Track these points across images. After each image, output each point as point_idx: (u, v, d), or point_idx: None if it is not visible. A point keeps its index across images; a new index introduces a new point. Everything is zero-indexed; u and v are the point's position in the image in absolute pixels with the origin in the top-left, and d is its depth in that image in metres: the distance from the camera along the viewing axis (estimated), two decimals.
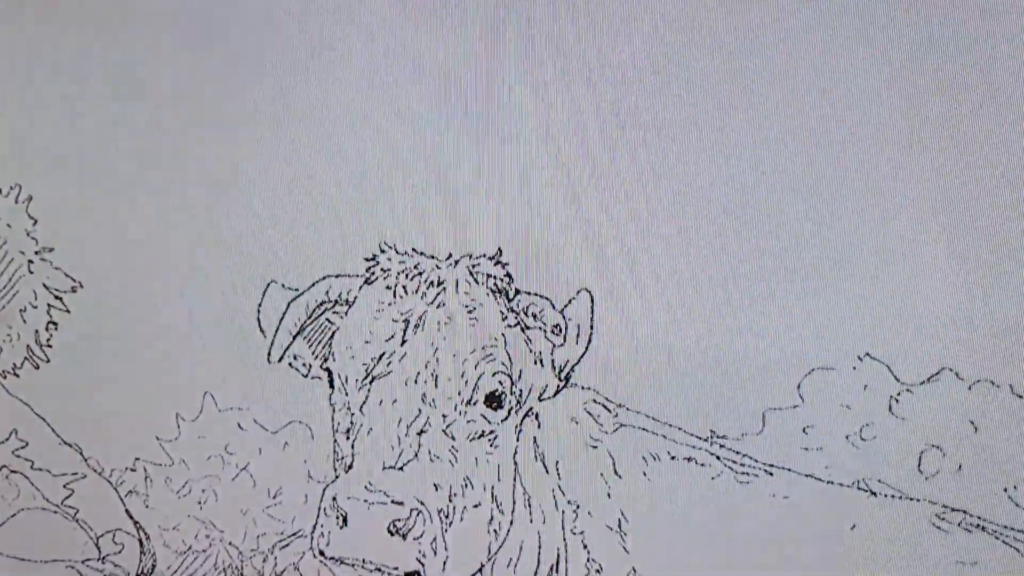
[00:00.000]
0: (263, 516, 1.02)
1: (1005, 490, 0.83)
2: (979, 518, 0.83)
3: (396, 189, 0.91)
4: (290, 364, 0.96)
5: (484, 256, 0.90)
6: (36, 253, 1.01)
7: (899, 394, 0.83)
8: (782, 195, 0.82)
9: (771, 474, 0.88)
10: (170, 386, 1.00)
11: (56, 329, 1.03)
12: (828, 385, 0.84)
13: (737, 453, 0.88)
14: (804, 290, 0.84)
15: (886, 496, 0.85)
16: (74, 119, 0.97)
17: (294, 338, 0.95)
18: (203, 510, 1.02)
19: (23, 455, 1.07)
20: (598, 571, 0.94)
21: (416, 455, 0.92)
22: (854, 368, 0.84)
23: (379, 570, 0.94)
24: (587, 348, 0.90)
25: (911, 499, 0.84)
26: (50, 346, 1.03)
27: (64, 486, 1.06)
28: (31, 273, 1.02)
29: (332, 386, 0.95)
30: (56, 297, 1.02)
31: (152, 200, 0.97)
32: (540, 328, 0.91)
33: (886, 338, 0.82)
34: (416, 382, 0.92)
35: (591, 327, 0.89)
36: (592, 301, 0.88)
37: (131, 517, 1.05)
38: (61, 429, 1.05)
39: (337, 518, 0.92)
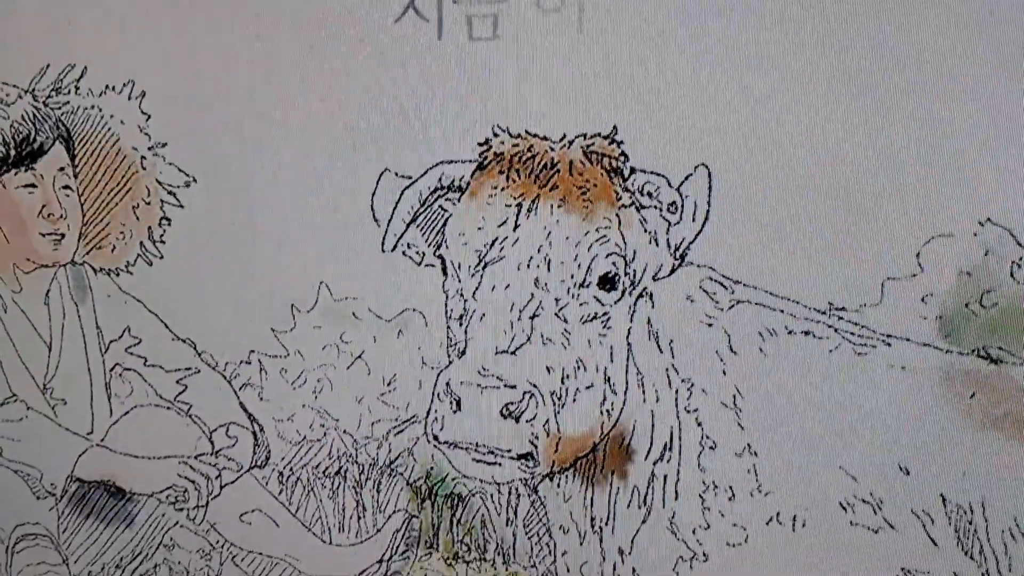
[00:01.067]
0: (377, 403, 1.03)
1: None
2: None
3: (507, 71, 0.91)
4: (404, 252, 0.97)
5: (599, 135, 0.90)
6: (149, 149, 1.02)
7: (1021, 259, 0.83)
8: (900, 63, 0.81)
9: (889, 344, 0.88)
10: (284, 278, 1.01)
11: (169, 225, 1.04)
12: (948, 252, 0.84)
13: (855, 324, 0.88)
14: (923, 155, 0.83)
15: (1006, 363, 0.87)
16: (186, 14, 0.97)
17: (407, 226, 0.96)
18: (318, 400, 1.04)
19: (136, 352, 1.09)
20: (712, 448, 0.94)
21: (529, 339, 0.93)
22: (975, 234, 0.83)
23: (492, 453, 0.95)
24: (704, 225, 0.90)
25: None
26: (163, 242, 1.05)
27: (177, 382, 1.08)
28: (144, 169, 1.03)
29: (445, 273, 0.95)
30: (169, 192, 1.03)
31: (266, 93, 0.97)
32: (656, 207, 0.90)
33: (1008, 202, 0.82)
34: (529, 266, 0.92)
35: (708, 204, 0.89)
36: (710, 177, 0.88)
37: (245, 410, 1.06)
38: (174, 325, 1.06)
39: (451, 403, 0.92)
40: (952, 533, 0.90)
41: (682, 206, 0.90)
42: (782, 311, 0.91)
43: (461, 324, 0.95)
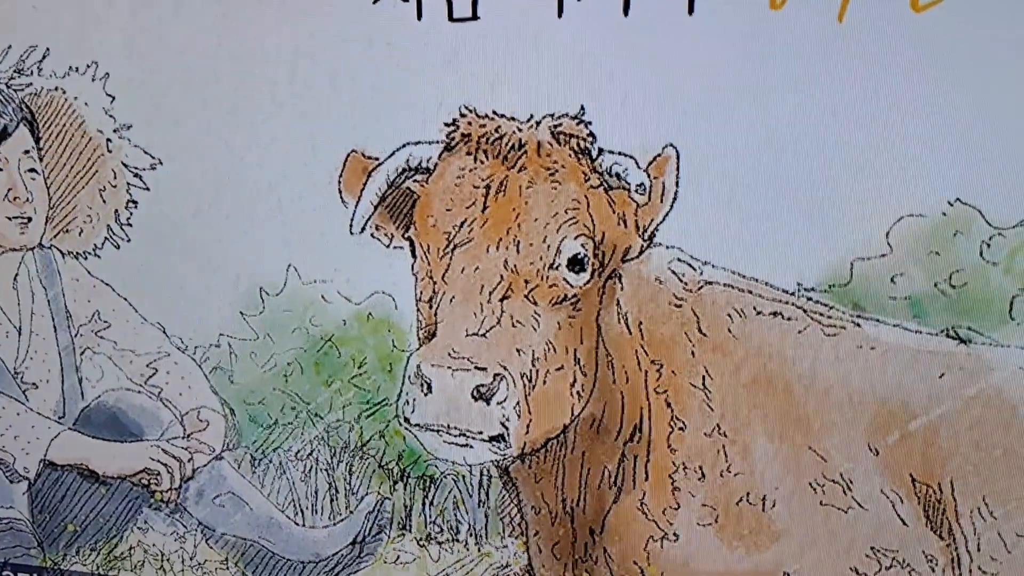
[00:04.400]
0: (348, 386, 1.02)
1: None
2: None
3: (473, 47, 0.89)
4: (372, 235, 0.95)
5: (566, 115, 0.89)
6: (114, 131, 1.00)
7: (991, 239, 0.81)
8: (874, 18, 0.80)
9: (858, 325, 0.87)
10: (253, 261, 1.00)
11: (136, 208, 1.03)
12: (917, 232, 0.83)
13: (824, 305, 0.88)
14: (892, 135, 0.81)
15: (976, 343, 0.86)
16: None
17: (375, 208, 0.94)
18: (288, 383, 1.03)
19: (106, 336, 1.07)
20: (681, 429, 0.93)
21: (499, 321, 0.91)
22: (944, 214, 0.82)
23: (463, 435, 0.94)
24: (672, 207, 0.90)
25: (1002, 346, 0.84)
26: (130, 225, 1.03)
27: (147, 365, 1.07)
28: (109, 152, 1.01)
29: (414, 255, 0.94)
30: (135, 175, 1.01)
31: (230, 72, 0.95)
32: (624, 188, 0.90)
33: (978, 182, 0.80)
34: (498, 248, 0.92)
35: (676, 185, 0.89)
36: (678, 158, 0.87)
37: (216, 393, 1.06)
38: (143, 309, 1.04)
39: (422, 385, 0.91)
40: (921, 512, 0.91)
41: (650, 187, 0.91)
42: (751, 292, 0.90)
43: (431, 306, 0.93)
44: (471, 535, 1.02)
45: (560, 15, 0.87)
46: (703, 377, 0.92)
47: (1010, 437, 0.86)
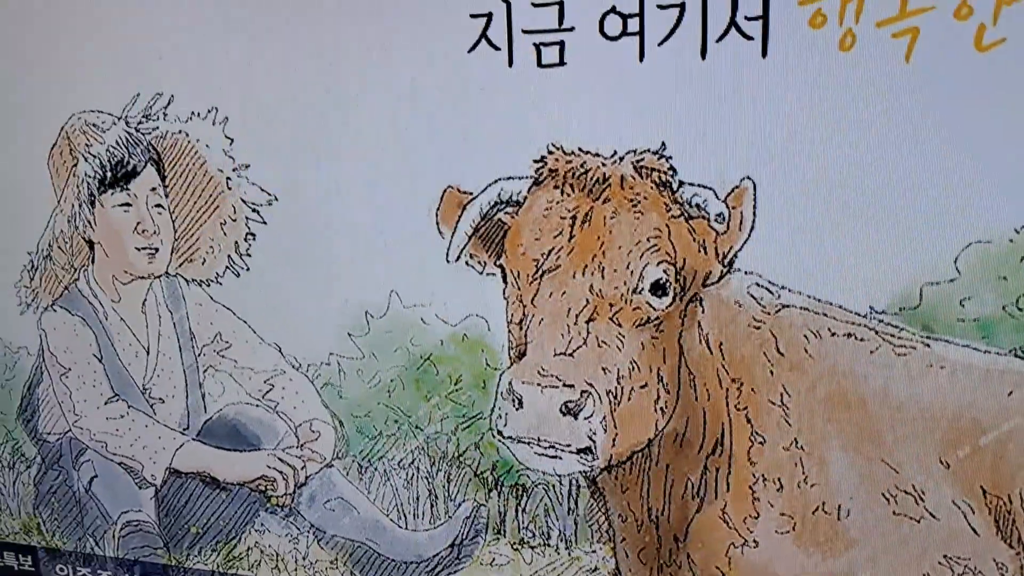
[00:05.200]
0: (445, 401, 1.10)
1: None
2: None
3: (561, 90, 0.95)
4: (467, 263, 1.02)
5: (648, 151, 0.94)
6: (233, 170, 1.09)
7: None
8: (941, 58, 0.84)
9: (928, 345, 0.91)
10: (359, 287, 1.08)
11: (254, 239, 1.12)
12: (985, 258, 0.86)
13: (895, 327, 0.92)
14: (958, 166, 0.85)
15: None
16: (261, 41, 1.03)
17: (469, 239, 1.01)
18: (391, 398, 1.10)
19: (227, 355, 1.17)
20: (761, 443, 0.98)
21: (585, 342, 0.97)
22: (1011, 240, 0.86)
23: (553, 447, 0.99)
24: (750, 235, 0.93)
25: None
26: (249, 255, 1.12)
27: (265, 382, 1.16)
28: (229, 189, 1.10)
29: (505, 281, 1.00)
30: (253, 210, 1.10)
31: (337, 117, 1.03)
32: (703, 217, 0.94)
33: None
34: (584, 274, 0.97)
35: (753, 215, 0.93)
36: (755, 189, 0.92)
37: (327, 407, 1.14)
38: (261, 330, 1.14)
39: (513, 401, 0.97)
40: (992, 522, 0.94)
41: (728, 217, 0.95)
42: (825, 314, 0.94)
43: (521, 328, 0.98)
44: (561, 540, 1.08)
45: (642, 60, 0.94)
46: (781, 394, 0.97)
47: None
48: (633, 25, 0.92)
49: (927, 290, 0.89)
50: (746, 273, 0.94)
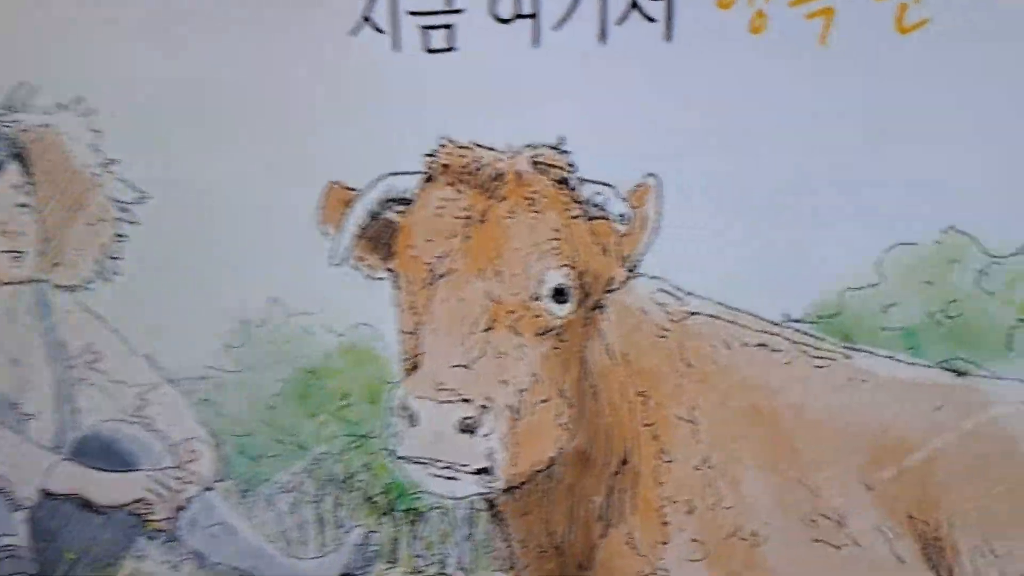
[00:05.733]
0: (333, 418, 1.01)
1: None
2: None
3: (450, 78, 0.88)
4: (353, 266, 0.93)
5: (546, 145, 0.86)
6: (101, 165, 1.00)
7: (987, 267, 0.78)
8: (859, 40, 0.78)
9: (849, 357, 0.84)
10: (238, 294, 0.99)
11: (125, 241, 1.02)
12: (910, 261, 0.80)
13: (812, 336, 0.85)
14: (880, 162, 0.79)
15: (973, 375, 0.82)
16: (135, 31, 0.95)
17: (356, 239, 0.92)
18: (274, 415, 1.02)
19: (98, 367, 1.07)
20: (668, 461, 0.91)
21: (483, 353, 0.89)
22: (937, 242, 0.79)
23: (449, 468, 0.92)
24: (654, 236, 0.86)
25: (1000, 378, 0.81)
26: (120, 258, 1.03)
27: (138, 396, 1.06)
28: (97, 186, 1.01)
29: (396, 286, 0.92)
30: (123, 209, 1.01)
31: (213, 108, 0.95)
32: (605, 218, 0.86)
33: (972, 208, 0.77)
34: (480, 279, 0.88)
35: (658, 214, 0.85)
36: (659, 187, 0.84)
37: (205, 425, 1.05)
38: (133, 341, 1.04)
39: (407, 417, 0.88)
40: (919, 550, 0.87)
41: (632, 217, 0.87)
42: (736, 323, 0.87)
43: (414, 337, 0.89)
44: (459, 568, 1.01)
45: (537, 44, 0.86)
46: (690, 409, 0.89)
47: (1011, 472, 0.82)
48: (527, 6, 0.85)
49: (847, 296, 0.82)
50: (651, 278, 0.87)
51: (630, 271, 0.88)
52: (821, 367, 0.83)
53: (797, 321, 0.84)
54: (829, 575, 0.87)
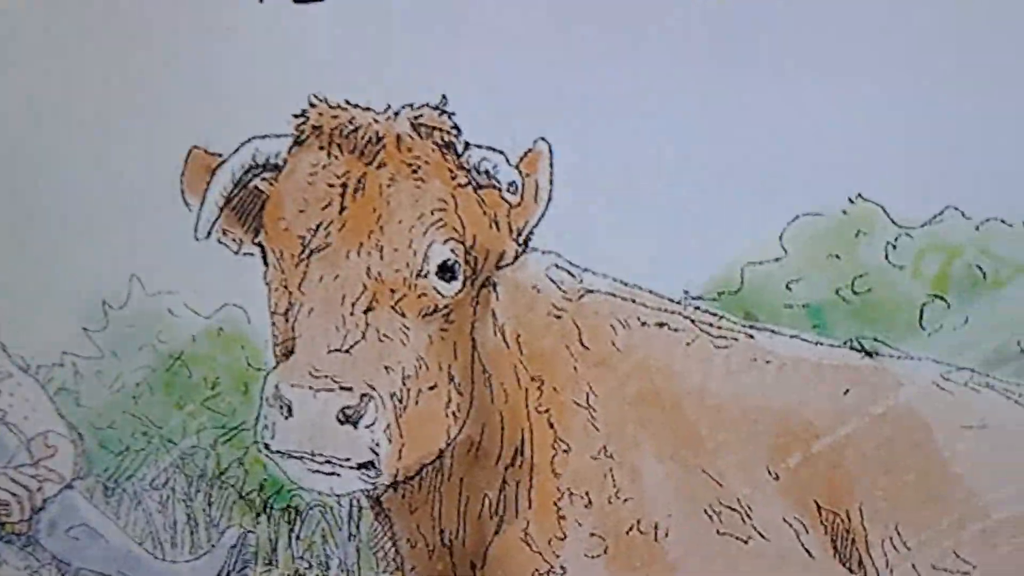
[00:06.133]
0: (202, 409, 0.94)
1: (1018, 343, 0.74)
2: (988, 376, 0.75)
3: (321, 31, 0.81)
4: (219, 240, 0.85)
5: (427, 106, 0.79)
6: None
7: (897, 239, 0.74)
8: (761, 36, 0.73)
9: (752, 336, 0.79)
10: (94, 272, 0.91)
11: None
12: (815, 233, 0.75)
13: (713, 315, 0.79)
14: (784, 127, 0.73)
15: (883, 356, 0.77)
16: None
17: (221, 210, 0.83)
18: (138, 405, 0.94)
19: None
20: (565, 451, 0.84)
21: (364, 335, 0.81)
22: (844, 212, 0.74)
23: (329, 462, 0.84)
24: (547, 206, 0.80)
25: (911, 358, 0.76)
26: None
27: None
28: None
29: (266, 263, 0.83)
30: None
31: (59, 66, 0.86)
32: (494, 186, 0.79)
33: (881, 176, 0.72)
34: (359, 254, 0.81)
35: (550, 183, 0.79)
36: (551, 153, 0.78)
37: (62, 417, 0.97)
38: None
39: (281, 408, 0.79)
40: (828, 542, 0.82)
41: (522, 185, 0.80)
42: (634, 301, 0.81)
43: (287, 320, 0.82)
44: (342, 570, 0.95)
45: None
46: (587, 394, 0.83)
47: (923, 459, 0.77)
48: None
49: (749, 271, 0.77)
50: (544, 253, 0.81)
51: (522, 245, 0.82)
52: (723, 347, 0.78)
53: (697, 298, 0.78)
54: (734, 570, 0.82)
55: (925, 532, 0.77)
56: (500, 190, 0.80)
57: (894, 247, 0.73)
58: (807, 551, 0.80)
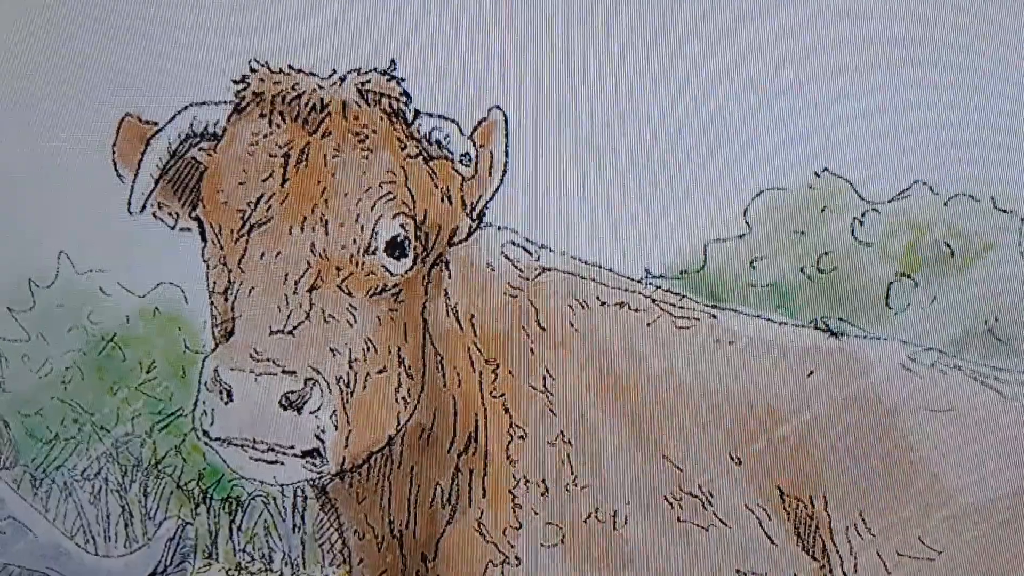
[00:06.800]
0: (136, 394, 0.90)
1: (986, 323, 0.73)
2: (955, 357, 0.74)
3: None
4: (154, 214, 0.80)
5: (375, 70, 0.75)
6: None
7: (864, 215, 0.71)
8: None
9: (715, 316, 0.76)
10: (18, 247, 0.86)
11: None
12: (780, 208, 0.72)
13: (675, 294, 0.76)
14: (745, 99, 0.70)
15: (849, 336, 0.76)
16: None
17: (156, 183, 0.78)
18: (68, 391, 0.90)
19: None
20: (521, 437, 0.81)
21: (308, 316, 0.77)
22: (810, 187, 0.71)
23: (272, 450, 0.80)
24: (502, 180, 0.76)
25: (878, 338, 0.75)
26: None
27: None
28: None
29: (204, 239, 0.79)
30: None
31: None
32: (446, 158, 0.75)
33: (848, 149, 0.70)
34: (303, 229, 0.77)
35: (506, 155, 0.76)
36: (506, 122, 0.74)
37: None
38: None
39: (220, 393, 0.75)
40: (792, 530, 0.80)
41: (476, 156, 0.76)
42: (594, 280, 0.78)
43: (227, 299, 0.77)
44: (286, 564, 0.91)
45: None
46: (544, 378, 0.80)
47: (888, 445, 0.75)
48: None
49: (712, 249, 0.74)
50: (499, 229, 0.78)
51: (476, 221, 0.78)
52: (685, 328, 0.75)
53: (659, 277, 0.75)
54: (696, 558, 0.80)
55: (890, 518, 0.76)
56: (453, 161, 0.76)
57: (861, 223, 0.71)
58: (770, 538, 0.78)
